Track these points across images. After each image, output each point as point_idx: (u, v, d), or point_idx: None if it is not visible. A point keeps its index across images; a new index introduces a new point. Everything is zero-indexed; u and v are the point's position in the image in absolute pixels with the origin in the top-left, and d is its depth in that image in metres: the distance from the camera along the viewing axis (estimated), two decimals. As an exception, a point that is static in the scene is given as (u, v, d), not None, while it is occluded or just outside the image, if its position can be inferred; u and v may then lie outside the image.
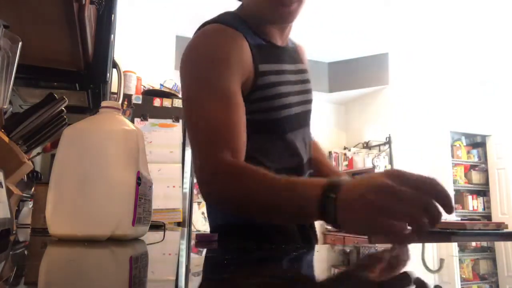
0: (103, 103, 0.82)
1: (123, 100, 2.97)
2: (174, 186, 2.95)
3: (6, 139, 0.94)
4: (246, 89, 0.89)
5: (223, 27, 0.90)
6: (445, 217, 0.60)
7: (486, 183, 5.95)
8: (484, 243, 1.64)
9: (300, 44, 1.15)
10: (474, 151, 6.08)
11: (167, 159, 2.97)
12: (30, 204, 1.48)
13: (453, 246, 1.14)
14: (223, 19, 0.93)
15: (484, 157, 6.04)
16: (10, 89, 0.98)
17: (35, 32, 1.15)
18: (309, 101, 1.06)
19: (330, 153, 5.82)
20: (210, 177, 0.80)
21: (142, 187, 0.75)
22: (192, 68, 0.88)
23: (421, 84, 5.49)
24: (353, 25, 4.62)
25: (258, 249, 0.77)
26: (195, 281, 0.43)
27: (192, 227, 3.72)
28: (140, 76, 3.37)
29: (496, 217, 5.61)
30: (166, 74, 3.80)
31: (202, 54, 0.88)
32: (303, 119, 1.03)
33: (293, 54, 1.06)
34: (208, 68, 0.86)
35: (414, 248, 0.77)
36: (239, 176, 0.77)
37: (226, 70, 0.85)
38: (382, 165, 5.35)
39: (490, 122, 5.84)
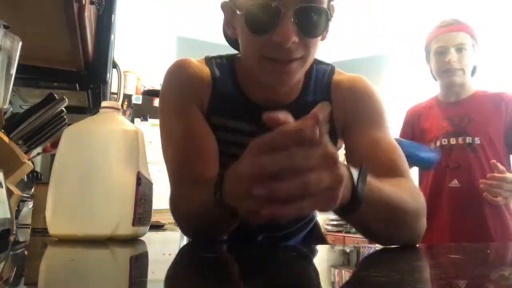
0: (103, 103, 0.82)
1: (123, 101, 2.97)
2: (174, 186, 2.94)
3: (6, 139, 0.94)
4: None
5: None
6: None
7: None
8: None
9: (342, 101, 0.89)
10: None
11: (167, 159, 2.97)
12: (30, 204, 1.48)
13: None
14: (208, 59, 0.93)
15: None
16: (10, 89, 0.98)
17: (35, 32, 1.15)
18: None
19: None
20: None
21: (142, 187, 0.75)
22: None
23: (416, 86, 5.48)
24: (350, 26, 4.62)
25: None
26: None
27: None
28: (140, 76, 3.37)
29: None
30: (166, 74, 3.80)
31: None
32: None
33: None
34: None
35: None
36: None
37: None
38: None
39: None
